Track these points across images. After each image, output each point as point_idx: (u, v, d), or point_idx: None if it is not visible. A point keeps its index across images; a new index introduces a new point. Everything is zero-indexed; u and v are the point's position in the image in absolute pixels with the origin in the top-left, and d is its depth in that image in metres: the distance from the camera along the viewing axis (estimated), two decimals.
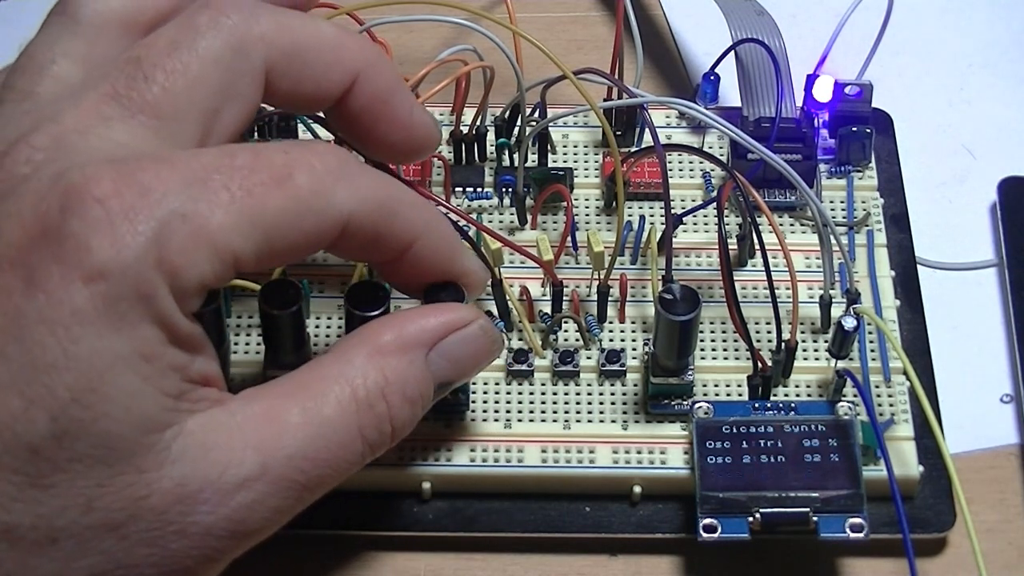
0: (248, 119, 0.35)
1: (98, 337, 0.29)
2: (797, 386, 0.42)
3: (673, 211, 0.45)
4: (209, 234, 0.31)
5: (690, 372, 0.41)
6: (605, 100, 0.47)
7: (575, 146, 0.48)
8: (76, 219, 0.30)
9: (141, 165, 0.31)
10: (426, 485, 0.41)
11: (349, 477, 0.34)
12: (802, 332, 0.43)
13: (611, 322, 0.44)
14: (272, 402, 0.33)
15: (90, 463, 0.29)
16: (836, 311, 0.42)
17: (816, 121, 0.47)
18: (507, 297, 0.42)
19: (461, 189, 0.47)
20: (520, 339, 0.43)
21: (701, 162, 0.47)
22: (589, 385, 0.42)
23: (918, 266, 0.46)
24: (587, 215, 0.46)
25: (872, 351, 0.43)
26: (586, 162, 0.48)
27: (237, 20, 0.34)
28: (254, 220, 0.31)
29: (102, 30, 0.35)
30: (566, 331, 0.43)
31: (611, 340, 0.43)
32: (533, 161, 0.47)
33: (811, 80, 0.47)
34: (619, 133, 0.47)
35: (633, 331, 0.43)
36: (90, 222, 0.30)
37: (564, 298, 0.43)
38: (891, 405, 0.42)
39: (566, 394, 0.42)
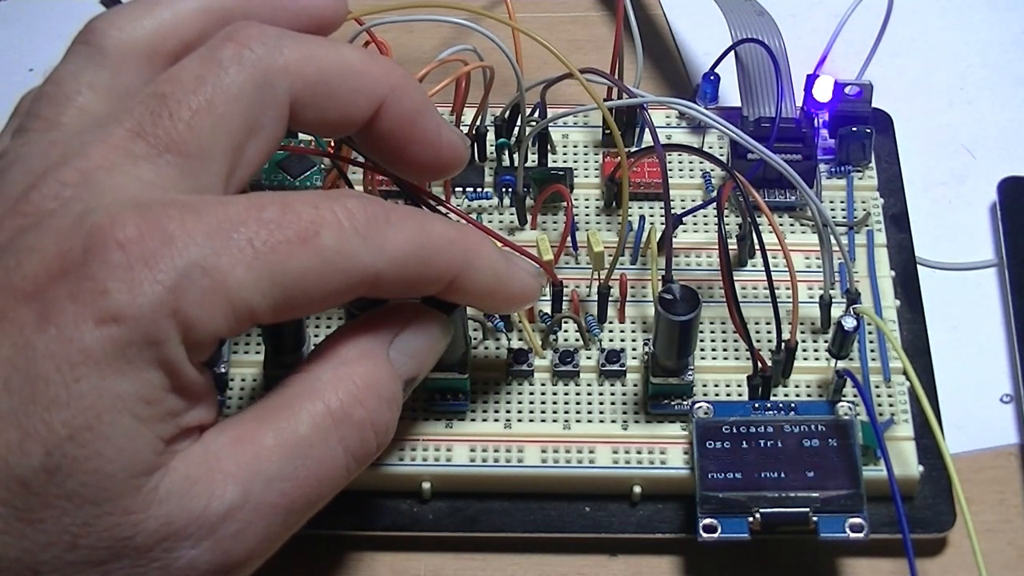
0: (273, 149, 0.35)
1: (102, 378, 0.29)
2: (797, 386, 0.42)
3: (673, 211, 0.45)
4: (227, 290, 0.30)
5: (690, 372, 0.41)
6: (605, 100, 0.47)
7: (575, 146, 0.48)
8: (97, 261, 0.30)
9: (167, 212, 0.30)
10: (426, 485, 0.41)
11: (351, 480, 0.34)
12: (802, 332, 0.43)
13: (611, 322, 0.44)
14: (244, 428, 0.33)
15: (79, 501, 0.29)
16: (836, 311, 0.42)
17: (816, 121, 0.47)
18: None
19: (461, 189, 0.47)
20: (520, 339, 0.43)
21: (701, 162, 0.47)
22: (589, 385, 0.42)
23: (918, 266, 0.46)
24: (587, 215, 0.46)
25: (872, 351, 0.43)
26: (586, 162, 0.48)
27: (261, 53, 0.33)
28: (275, 278, 0.31)
29: (126, 60, 0.35)
30: (566, 331, 0.43)
31: (611, 340, 0.43)
32: (533, 161, 0.47)
33: (811, 80, 0.47)
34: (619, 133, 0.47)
35: (633, 331, 0.43)
36: (110, 266, 0.29)
37: (564, 298, 0.43)
38: (891, 405, 0.42)
39: (566, 394, 0.42)
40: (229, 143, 0.33)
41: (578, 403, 0.42)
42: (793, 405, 0.41)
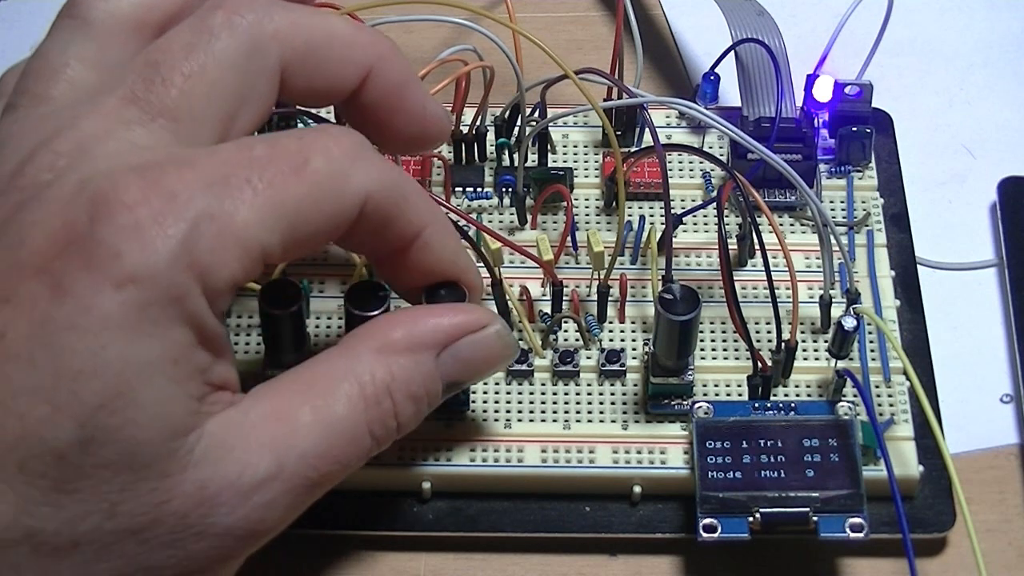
0: (264, 117, 0.35)
1: (128, 343, 0.29)
2: (797, 386, 0.42)
3: (673, 211, 0.45)
4: (236, 231, 0.31)
5: (690, 372, 0.41)
6: (605, 100, 0.47)
7: (575, 146, 0.48)
8: (105, 226, 0.30)
9: (165, 170, 0.31)
10: (426, 485, 0.41)
11: (349, 476, 0.34)
12: (802, 332, 0.43)
13: (611, 322, 0.44)
14: (282, 399, 0.33)
15: (115, 469, 0.30)
16: (836, 311, 0.42)
17: (816, 121, 0.47)
18: (507, 297, 0.43)
19: (461, 189, 0.47)
20: (520, 339, 0.43)
21: (701, 162, 0.47)
22: (589, 385, 0.42)
23: (918, 266, 0.46)
24: (587, 215, 0.46)
25: (872, 351, 0.43)
26: (586, 162, 0.48)
27: (251, 20, 0.34)
28: (277, 211, 0.31)
29: (113, 32, 0.35)
30: (566, 331, 0.43)
31: (611, 340, 0.43)
32: (533, 161, 0.47)
33: (811, 80, 0.47)
34: (619, 133, 0.47)
35: (633, 331, 0.43)
36: (119, 229, 0.30)
37: (564, 298, 0.43)
38: (891, 405, 0.42)
39: (566, 394, 0.42)
40: (222, 110, 0.33)
41: (578, 403, 0.42)
42: (793, 405, 0.41)
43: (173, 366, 0.30)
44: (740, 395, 0.42)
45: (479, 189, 0.47)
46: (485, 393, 0.42)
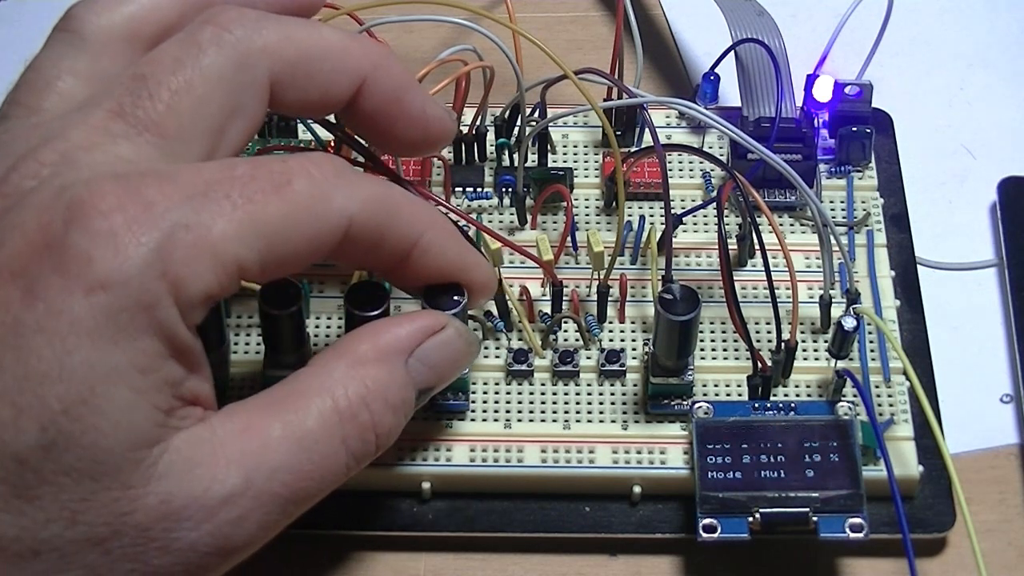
0: (254, 131, 0.35)
1: (94, 349, 0.29)
2: (797, 386, 0.42)
3: (673, 211, 0.45)
4: (212, 243, 0.31)
5: (690, 372, 0.41)
6: (605, 100, 0.47)
7: (575, 146, 0.48)
8: (79, 231, 0.30)
9: (145, 180, 0.31)
10: (426, 485, 0.41)
11: (348, 478, 0.34)
12: (802, 332, 0.43)
13: (611, 322, 0.44)
14: (253, 416, 0.33)
15: (76, 476, 0.29)
16: (836, 311, 0.42)
17: (816, 121, 0.47)
18: (507, 297, 0.43)
19: (461, 189, 0.47)
20: (520, 339, 0.43)
21: (701, 162, 0.47)
22: (589, 385, 0.42)
23: (918, 266, 0.46)
24: (587, 215, 0.46)
25: (872, 351, 0.43)
26: (586, 162, 0.48)
27: (239, 35, 0.34)
28: (255, 227, 0.31)
29: (106, 46, 0.35)
30: (566, 331, 0.43)
31: (611, 340, 0.43)
32: (533, 161, 0.47)
33: (811, 80, 0.47)
34: (619, 133, 0.47)
35: (633, 331, 0.43)
36: (93, 234, 0.30)
37: (564, 298, 0.43)
38: (891, 405, 0.42)
39: (566, 394, 0.42)
40: (209, 124, 0.33)
41: (578, 403, 0.42)
42: (793, 405, 0.41)
43: (140, 375, 0.30)
44: (740, 395, 0.42)
45: (479, 189, 0.47)
46: (485, 393, 0.42)
